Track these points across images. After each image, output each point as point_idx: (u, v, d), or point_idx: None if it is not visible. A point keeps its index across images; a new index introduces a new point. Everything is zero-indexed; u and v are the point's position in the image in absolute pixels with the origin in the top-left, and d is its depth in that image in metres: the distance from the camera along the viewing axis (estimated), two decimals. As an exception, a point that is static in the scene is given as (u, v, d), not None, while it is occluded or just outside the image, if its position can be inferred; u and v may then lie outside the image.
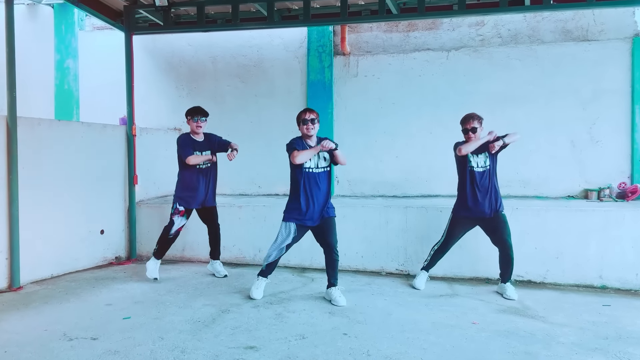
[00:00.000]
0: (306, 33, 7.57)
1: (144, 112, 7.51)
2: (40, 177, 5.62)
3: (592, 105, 6.72)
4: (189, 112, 5.59)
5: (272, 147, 7.62)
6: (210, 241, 5.89)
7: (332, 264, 4.88)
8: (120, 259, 6.68)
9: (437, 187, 7.10)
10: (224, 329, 4.15)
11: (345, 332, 4.09)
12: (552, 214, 5.68)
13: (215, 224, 5.84)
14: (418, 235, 5.89)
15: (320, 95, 7.46)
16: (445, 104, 7.07)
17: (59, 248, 5.84)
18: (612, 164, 6.67)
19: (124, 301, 4.90)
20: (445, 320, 4.40)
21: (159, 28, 6.96)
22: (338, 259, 4.90)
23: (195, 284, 5.52)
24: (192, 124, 5.57)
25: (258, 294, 4.95)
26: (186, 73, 8.08)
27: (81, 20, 8.49)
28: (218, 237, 5.87)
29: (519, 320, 4.41)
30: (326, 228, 4.84)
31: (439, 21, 7.23)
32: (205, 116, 5.62)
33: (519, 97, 6.90)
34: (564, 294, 5.26)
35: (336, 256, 4.87)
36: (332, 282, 4.92)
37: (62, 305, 4.78)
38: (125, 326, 4.21)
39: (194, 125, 5.55)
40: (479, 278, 5.77)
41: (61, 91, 8.25)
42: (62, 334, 4.03)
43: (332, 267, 4.89)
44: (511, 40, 7.03)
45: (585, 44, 6.76)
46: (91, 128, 6.32)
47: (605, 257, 5.50)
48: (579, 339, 4.00)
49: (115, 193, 6.63)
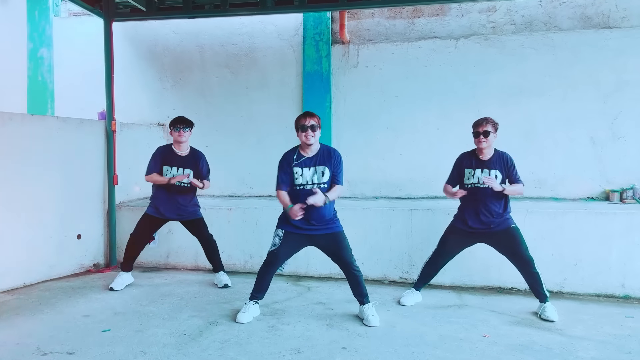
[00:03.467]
0: (302, 20, 7.57)
1: (124, 106, 7.49)
2: (12, 177, 5.61)
3: (613, 98, 6.73)
4: (171, 122, 5.55)
5: (264, 144, 7.62)
6: (206, 255, 5.88)
7: (352, 280, 4.71)
8: (99, 266, 6.66)
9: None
10: (212, 343, 4.14)
11: (345, 346, 4.09)
12: (570, 217, 5.69)
13: (204, 236, 5.81)
14: (424, 240, 5.89)
15: (317, 87, 7.46)
16: (454, 96, 7.07)
17: (31, 254, 5.83)
18: (635, 162, 6.68)
19: (103, 312, 4.89)
20: (453, 333, 4.40)
21: (141, 14, 6.95)
22: (360, 275, 4.71)
23: (180, 294, 5.51)
24: (174, 134, 5.52)
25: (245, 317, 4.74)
26: (171, 63, 8.07)
27: (56, 5, 8.48)
28: (212, 248, 5.84)
29: (534, 333, 4.41)
30: (333, 244, 4.67)
31: (446, 7, 7.23)
32: (189, 126, 5.56)
33: (533, 90, 6.91)
34: (583, 305, 5.27)
35: (356, 271, 4.69)
36: (361, 300, 4.75)
37: (36, 316, 4.77)
38: (105, 340, 4.20)
39: (175, 135, 5.50)
40: (490, 287, 5.77)
41: (34, 83, 8.24)
42: (36, 348, 4.02)
43: (355, 284, 4.72)
44: (525, 28, 7.03)
45: (606, 31, 6.77)
46: (67, 123, 6.31)
47: (628, 265, 5.51)
48: (599, 353, 4.00)
49: (93, 194, 6.62)
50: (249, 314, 4.70)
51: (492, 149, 4.85)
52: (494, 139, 4.79)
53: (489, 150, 4.82)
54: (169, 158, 5.57)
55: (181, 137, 5.52)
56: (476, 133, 4.78)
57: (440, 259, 5.14)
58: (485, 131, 4.72)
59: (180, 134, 5.50)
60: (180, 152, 5.59)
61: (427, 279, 5.27)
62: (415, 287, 5.31)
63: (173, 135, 5.55)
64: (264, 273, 4.75)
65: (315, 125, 4.52)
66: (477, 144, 4.80)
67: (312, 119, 4.54)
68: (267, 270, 4.73)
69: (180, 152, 5.59)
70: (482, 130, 4.73)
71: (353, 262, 4.70)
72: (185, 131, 5.53)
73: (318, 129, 4.55)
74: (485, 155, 4.84)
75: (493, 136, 4.76)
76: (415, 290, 5.29)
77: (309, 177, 4.55)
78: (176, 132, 5.50)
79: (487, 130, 4.72)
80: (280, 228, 4.68)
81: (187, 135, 5.56)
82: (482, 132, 4.73)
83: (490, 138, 4.74)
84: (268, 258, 4.71)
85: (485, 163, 4.82)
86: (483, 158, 4.84)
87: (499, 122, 4.87)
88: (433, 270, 5.20)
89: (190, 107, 7.86)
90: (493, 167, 4.80)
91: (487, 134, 4.72)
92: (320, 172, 4.56)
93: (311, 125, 4.50)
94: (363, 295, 4.74)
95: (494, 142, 4.83)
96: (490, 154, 4.84)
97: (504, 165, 4.81)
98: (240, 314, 4.70)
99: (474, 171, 4.84)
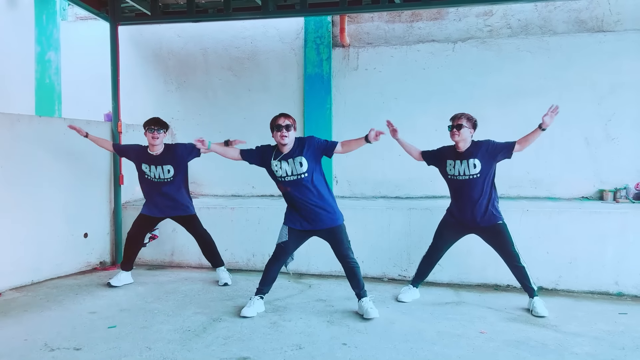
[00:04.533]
0: (303, 24, 7.56)
1: (130, 108, 7.49)
2: (20, 177, 5.61)
3: (607, 100, 6.72)
4: (145, 123, 5.49)
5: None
6: (202, 251, 5.86)
7: (349, 272, 4.75)
8: (105, 264, 6.67)
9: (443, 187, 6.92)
10: (215, 339, 4.14)
11: (345, 342, 4.09)
12: (565, 217, 5.69)
13: (198, 232, 5.77)
14: (422, 239, 5.85)
15: (318, 89, 7.45)
16: (452, 98, 7.05)
17: (39, 253, 5.83)
18: (629, 162, 6.66)
19: (109, 309, 4.89)
20: (451, 329, 4.40)
21: (146, 18, 6.95)
22: (355, 266, 4.75)
23: (184, 291, 5.51)
24: (147, 135, 5.44)
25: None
26: (175, 66, 8.07)
27: (63, 9, 8.48)
28: (207, 244, 5.80)
29: (530, 329, 4.41)
30: (331, 238, 4.74)
31: (444, 11, 7.22)
32: (162, 127, 5.48)
33: (529, 91, 6.89)
34: (577, 302, 5.27)
35: (352, 264, 4.73)
36: (358, 294, 4.78)
37: (43, 313, 4.77)
38: (110, 336, 4.21)
39: (149, 136, 5.43)
40: (487, 284, 5.77)
41: (42, 85, 8.23)
42: (43, 344, 4.03)
43: (351, 276, 4.75)
44: (521, 31, 7.03)
45: (600, 34, 6.76)
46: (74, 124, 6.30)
47: (622, 263, 5.50)
48: (593, 349, 3.99)
49: (99, 194, 6.62)
50: (253, 309, 4.73)
51: (467, 142, 4.88)
52: (468, 134, 4.85)
53: (463, 143, 4.87)
54: (144, 157, 5.53)
55: (154, 140, 5.44)
56: (450, 126, 4.88)
57: (435, 253, 5.18)
58: (458, 124, 4.82)
59: (154, 136, 5.42)
60: (154, 152, 5.51)
61: (424, 275, 5.29)
62: (412, 284, 5.32)
63: (147, 137, 5.45)
64: (271, 265, 4.81)
65: (290, 125, 4.62)
66: (451, 136, 4.89)
67: (288, 119, 4.65)
68: (275, 262, 4.80)
69: (155, 153, 5.51)
70: (456, 124, 4.83)
71: (350, 254, 4.75)
72: (160, 133, 5.46)
73: (293, 130, 4.66)
74: (462, 148, 4.89)
75: (467, 130, 4.83)
76: (413, 286, 5.30)
77: (289, 170, 4.64)
78: (150, 134, 5.42)
79: (460, 123, 4.81)
80: (285, 224, 4.78)
81: (161, 138, 5.48)
82: (456, 125, 4.83)
83: (463, 131, 4.80)
84: (276, 250, 4.79)
85: (463, 154, 4.87)
86: (460, 150, 4.90)
87: (496, 123, 4.89)
88: (429, 265, 5.23)
89: (194, 108, 7.86)
90: (471, 157, 4.84)
91: (460, 127, 4.80)
92: (298, 163, 4.63)
93: (286, 125, 4.60)
94: (360, 288, 4.76)
95: (470, 136, 4.87)
96: (466, 147, 4.88)
97: (485, 151, 4.82)
98: (246, 308, 4.72)
99: (454, 162, 4.93)
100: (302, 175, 4.62)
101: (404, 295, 5.22)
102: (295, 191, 4.65)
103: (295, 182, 4.63)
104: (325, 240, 4.81)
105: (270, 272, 4.82)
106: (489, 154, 4.82)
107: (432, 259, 5.21)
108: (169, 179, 5.50)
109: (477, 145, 4.87)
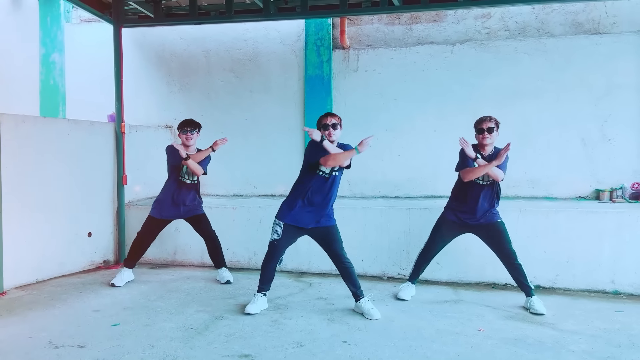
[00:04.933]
0: (304, 26, 7.57)
1: (133, 109, 7.49)
2: (25, 177, 5.62)
3: (604, 101, 6.72)
4: (179, 125, 5.56)
5: (267, 145, 7.63)
6: (209, 252, 5.86)
7: (344, 272, 4.75)
8: (108, 262, 6.67)
9: (442, 187, 7.09)
10: (217, 337, 4.15)
11: (345, 340, 4.10)
12: (562, 216, 5.69)
13: (207, 232, 5.79)
14: (421, 238, 5.84)
15: (319, 90, 7.46)
16: (450, 99, 7.08)
17: (44, 251, 5.84)
18: (625, 163, 6.67)
19: (113, 307, 4.90)
20: (449, 327, 4.40)
21: (149, 20, 6.96)
22: (350, 266, 4.75)
23: (187, 289, 5.52)
24: (181, 136, 5.53)
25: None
26: (178, 68, 8.08)
27: (67, 12, 8.48)
28: (215, 245, 5.82)
29: (527, 327, 4.42)
30: (326, 237, 4.75)
31: (443, 13, 7.23)
32: (195, 128, 5.54)
33: (527, 93, 6.91)
34: (574, 300, 5.27)
35: (347, 264, 4.74)
36: (355, 293, 4.77)
37: (48, 311, 4.78)
38: (114, 333, 4.21)
39: (183, 137, 5.51)
40: (485, 283, 5.78)
41: (46, 86, 8.24)
42: (48, 341, 4.03)
43: (347, 276, 4.75)
44: (519, 34, 7.03)
45: (596, 37, 6.77)
46: (78, 125, 6.32)
47: (618, 262, 5.51)
48: (590, 346, 4.00)
49: (103, 194, 6.63)
50: (257, 306, 4.75)
51: (492, 146, 4.89)
52: (496, 136, 4.84)
53: (490, 147, 4.87)
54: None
55: (189, 141, 5.53)
56: (480, 129, 4.82)
57: (432, 248, 5.18)
58: (489, 127, 4.78)
59: (187, 137, 5.51)
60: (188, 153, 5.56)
61: (420, 270, 5.30)
62: (410, 280, 5.33)
63: (181, 138, 5.55)
64: (267, 264, 4.80)
65: (337, 123, 4.64)
66: (482, 140, 4.84)
67: (334, 118, 4.65)
68: (271, 260, 4.79)
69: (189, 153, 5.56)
70: (487, 127, 4.78)
71: (344, 254, 4.76)
72: (193, 134, 5.53)
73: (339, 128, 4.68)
74: (487, 152, 4.88)
75: (496, 133, 4.81)
76: (411, 283, 5.32)
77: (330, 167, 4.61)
78: (184, 135, 5.51)
79: (491, 126, 4.78)
80: (280, 220, 4.72)
81: (194, 138, 5.56)
82: (487, 128, 4.78)
83: (493, 135, 4.80)
84: (269, 249, 4.78)
85: (486, 158, 4.83)
86: (485, 154, 4.87)
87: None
88: (425, 261, 5.24)
89: (197, 109, 7.86)
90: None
91: (491, 130, 4.78)
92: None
93: (333, 124, 4.61)
94: (357, 287, 4.76)
95: (496, 139, 4.87)
96: (490, 150, 4.88)
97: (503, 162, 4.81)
98: (249, 305, 4.75)
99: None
100: (336, 172, 4.67)
101: (402, 292, 5.23)
102: (323, 187, 4.63)
103: (329, 178, 4.63)
104: (318, 240, 4.80)
105: (268, 270, 4.81)
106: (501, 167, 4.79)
107: (428, 255, 5.22)
108: (194, 181, 5.61)
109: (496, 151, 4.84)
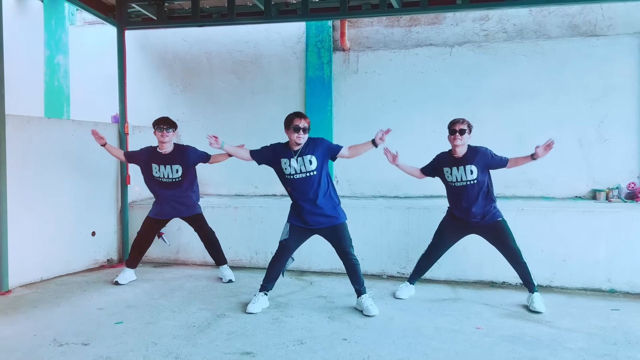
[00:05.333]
0: (304, 28, 7.58)
1: (136, 110, 7.51)
2: (30, 177, 5.63)
3: (600, 102, 6.73)
4: (154, 122, 5.51)
5: (269, 146, 7.63)
6: (207, 250, 5.86)
7: (350, 268, 4.76)
8: (112, 261, 6.69)
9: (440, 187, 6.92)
10: (219, 334, 4.16)
11: (345, 338, 4.10)
12: (559, 216, 5.70)
13: (204, 231, 5.78)
14: (420, 237, 5.89)
15: (319, 92, 7.47)
16: (449, 100, 7.07)
17: (48, 250, 5.85)
18: (620, 163, 6.67)
19: (116, 305, 4.91)
20: (448, 325, 4.41)
21: (152, 23, 6.97)
22: (356, 263, 4.76)
23: (189, 288, 5.53)
24: (157, 134, 5.48)
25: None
26: (180, 69, 8.09)
27: (72, 14, 8.49)
28: (213, 242, 5.81)
29: (525, 325, 4.42)
30: (334, 236, 4.75)
31: (441, 16, 7.23)
32: (171, 127, 5.50)
33: (525, 94, 6.91)
34: (571, 298, 5.27)
35: (353, 261, 4.75)
36: (358, 290, 4.78)
37: (52, 309, 4.79)
38: (118, 331, 4.22)
39: (158, 135, 5.47)
40: (483, 282, 5.78)
41: (51, 88, 8.26)
42: (52, 339, 4.04)
43: (352, 273, 4.77)
44: (517, 36, 7.04)
45: (593, 39, 6.77)
46: (82, 126, 6.33)
47: (614, 260, 5.51)
48: (586, 344, 4.01)
49: (107, 193, 6.64)
50: (258, 305, 4.75)
51: (465, 147, 4.87)
52: (467, 139, 4.83)
53: (462, 148, 4.85)
54: (154, 157, 5.54)
55: (164, 138, 5.46)
56: (452, 130, 4.82)
57: (435, 251, 5.17)
58: (461, 129, 4.77)
59: (163, 134, 5.45)
60: (163, 151, 5.53)
61: (421, 273, 5.30)
62: (409, 281, 5.33)
63: (156, 136, 5.50)
64: (275, 262, 4.82)
65: (306, 127, 4.67)
66: (452, 141, 4.84)
67: (305, 121, 4.67)
68: (279, 259, 4.80)
69: (164, 151, 5.53)
70: (458, 129, 4.78)
71: (351, 251, 4.76)
72: (169, 132, 5.48)
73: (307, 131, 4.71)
74: (459, 153, 4.87)
75: (467, 136, 4.80)
76: (410, 283, 5.31)
77: (297, 167, 4.66)
78: (159, 132, 5.45)
79: (463, 128, 4.77)
80: (287, 221, 4.80)
81: (170, 136, 5.50)
82: (458, 130, 4.78)
83: (464, 136, 4.78)
84: (279, 248, 4.80)
85: (459, 160, 4.85)
86: (457, 156, 4.87)
87: (492, 125, 4.87)
88: (428, 263, 5.23)
89: (199, 110, 7.88)
90: (467, 163, 4.82)
91: (463, 132, 4.77)
92: (308, 161, 4.65)
93: (303, 128, 4.64)
94: (360, 284, 4.77)
95: (467, 141, 4.86)
96: (463, 152, 4.86)
97: (480, 159, 4.81)
98: (251, 304, 4.75)
99: (450, 170, 4.90)
100: (311, 172, 4.65)
101: (401, 292, 5.23)
102: (303, 189, 4.66)
103: (303, 180, 4.65)
104: (327, 239, 4.82)
105: (274, 269, 4.83)
106: (484, 164, 4.82)
107: (431, 258, 5.21)
108: (176, 179, 5.52)
109: (474, 151, 4.86)
